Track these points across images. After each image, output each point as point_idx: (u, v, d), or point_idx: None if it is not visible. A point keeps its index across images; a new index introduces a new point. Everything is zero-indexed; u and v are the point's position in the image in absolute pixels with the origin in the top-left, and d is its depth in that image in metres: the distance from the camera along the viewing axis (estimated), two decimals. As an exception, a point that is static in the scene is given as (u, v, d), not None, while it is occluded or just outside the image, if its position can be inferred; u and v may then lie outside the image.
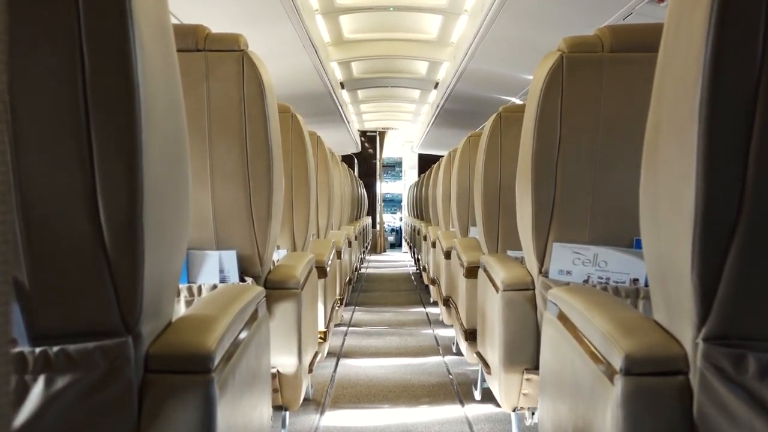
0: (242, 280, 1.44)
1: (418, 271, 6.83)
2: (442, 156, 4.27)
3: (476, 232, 2.56)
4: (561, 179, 1.41)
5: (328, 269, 2.37)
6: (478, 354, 1.89)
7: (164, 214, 0.72)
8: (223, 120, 1.43)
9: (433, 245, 3.90)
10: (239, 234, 1.45)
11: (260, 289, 1.14)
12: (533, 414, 1.51)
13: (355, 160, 10.62)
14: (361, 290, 5.59)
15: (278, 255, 1.94)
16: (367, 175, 10.82)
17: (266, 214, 1.46)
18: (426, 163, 10.61)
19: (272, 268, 1.63)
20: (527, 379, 1.48)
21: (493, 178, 2.13)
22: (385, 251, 10.65)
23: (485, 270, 1.83)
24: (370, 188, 10.73)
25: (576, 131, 1.39)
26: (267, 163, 1.45)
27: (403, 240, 10.62)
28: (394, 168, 12.34)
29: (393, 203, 12.27)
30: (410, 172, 11.39)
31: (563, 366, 0.95)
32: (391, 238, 11.81)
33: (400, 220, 11.83)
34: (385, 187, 12.05)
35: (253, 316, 1.04)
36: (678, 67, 0.64)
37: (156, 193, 0.68)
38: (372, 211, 10.65)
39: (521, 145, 1.55)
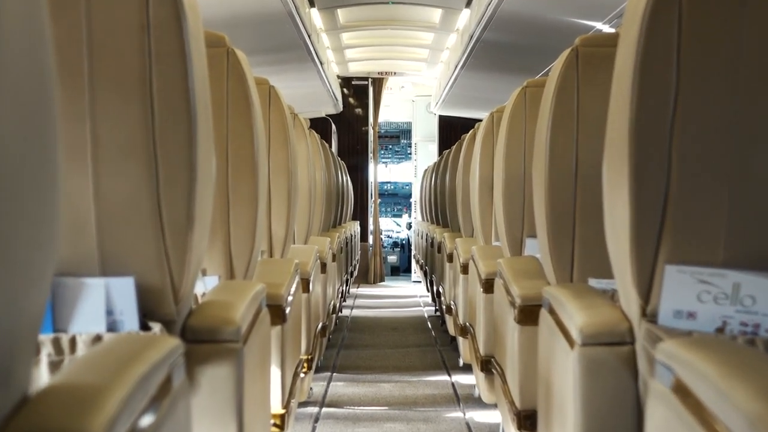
0: (145, 327, 1.44)
1: (438, 313, 6.87)
2: (480, 120, 4.32)
3: (535, 248, 2.59)
4: (678, 162, 1.41)
5: (287, 310, 2.38)
6: None
7: (9, 218, 0.72)
8: (112, 62, 1.43)
9: (464, 270, 3.95)
10: (139, 250, 1.45)
11: (174, 342, 1.14)
12: None
13: (333, 127, 10.67)
14: (342, 345, 5.62)
15: (205, 285, 1.94)
16: (354, 151, 10.89)
17: (185, 218, 1.47)
18: (452, 131, 10.69)
19: (195, 306, 1.64)
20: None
21: (563, 162, 2.16)
22: (382, 280, 10.70)
23: (551, 311, 1.84)
24: (358, 174, 10.80)
25: (703, 83, 1.39)
26: (186, 131, 1.46)
27: (413, 261, 10.72)
28: (397, 140, 12.33)
29: (396, 199, 12.29)
30: (425, 148, 11.48)
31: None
32: (392, 258, 11.85)
33: (408, 227, 11.89)
34: (383, 172, 12.09)
35: (164, 390, 1.04)
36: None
37: None
38: (361, 213, 10.73)
39: (610, 108, 1.56)
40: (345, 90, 10.71)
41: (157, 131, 1.44)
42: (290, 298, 2.47)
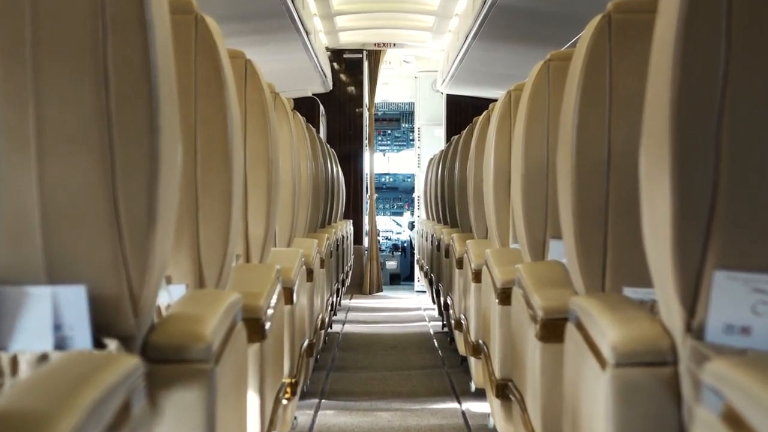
0: (99, 344, 1.45)
1: (445, 329, 6.89)
2: (495, 100, 4.33)
3: (560, 251, 2.60)
4: (728, 149, 1.41)
5: (267, 324, 2.39)
6: None
7: None
8: (59, 30, 1.43)
9: (476, 278, 3.97)
10: (91, 254, 1.46)
11: (134, 361, 1.15)
12: None
13: (322, 109, 10.68)
14: (333, 367, 5.61)
15: (170, 295, 1.95)
16: (346, 138, 10.90)
17: (146, 216, 1.47)
18: (462, 113, 10.70)
19: (158, 320, 1.65)
20: None
21: (593, 150, 2.17)
22: (380, 290, 10.71)
23: (579, 326, 1.85)
24: (352, 164, 10.81)
25: (756, 54, 1.39)
26: (146, 114, 1.46)
27: (416, 267, 10.72)
28: (398, 124, 12.34)
29: (397, 195, 12.30)
30: (430, 133, 11.48)
31: None
32: (391, 264, 11.84)
33: (411, 227, 11.87)
34: (380, 162, 12.07)
35: (121, 417, 1.04)
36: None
37: None
38: (355, 211, 10.74)
39: (648, 85, 1.56)
40: (335, 65, 10.72)
41: (112, 114, 1.44)
42: (270, 311, 2.48)
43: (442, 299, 6.45)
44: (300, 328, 3.73)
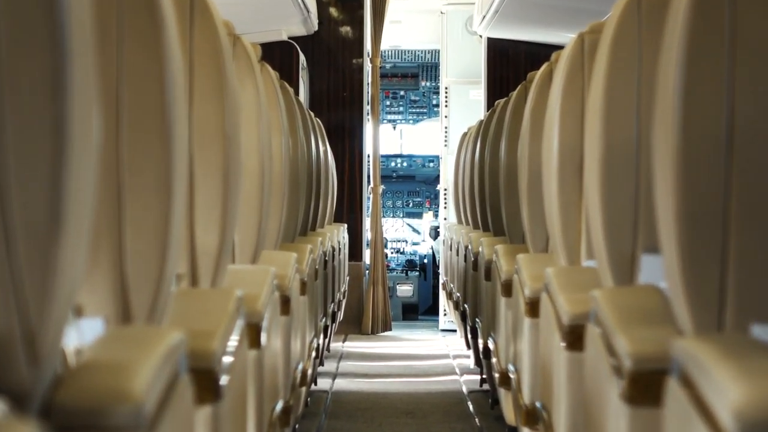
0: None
1: (486, 386, 6.90)
2: (561, 48, 4.33)
3: (656, 271, 2.59)
4: None
5: (223, 379, 2.41)
6: None
7: None
8: None
9: (531, 311, 3.97)
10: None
11: (27, 430, 1.14)
12: None
13: (303, 59, 10.69)
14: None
15: (81, 334, 1.96)
16: (339, 103, 10.85)
17: (45, 218, 1.48)
18: (510, 67, 10.66)
19: (66, 370, 1.67)
20: None
21: (707, 121, 2.17)
22: (388, 328, 10.63)
23: (686, 381, 1.87)
24: (347, 142, 10.76)
25: None
26: (46, 66, 1.47)
27: (442, 294, 10.76)
28: (415, 82, 12.21)
29: (413, 186, 12.19)
30: (463, 96, 11.43)
31: None
32: (405, 290, 11.73)
33: (434, 235, 11.75)
34: (389, 139, 11.95)
35: None
36: None
37: None
38: (351, 210, 10.70)
39: None
40: (323, -7, 10.73)
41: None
42: (228, 359, 2.49)
43: (480, 342, 6.44)
44: (271, 384, 3.73)
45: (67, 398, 1.58)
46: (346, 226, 9.60)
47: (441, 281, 10.71)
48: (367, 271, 10.82)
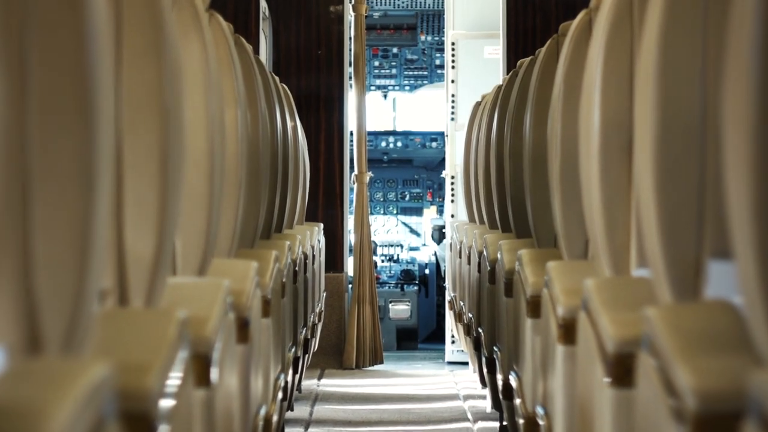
0: None
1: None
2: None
3: (727, 283, 2.61)
4: None
5: (162, 428, 2.42)
6: None
7: None
8: None
9: (565, 336, 3.99)
10: None
11: None
12: None
13: (264, 7, 10.72)
14: None
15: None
16: (312, 65, 10.84)
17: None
18: (536, 17, 10.70)
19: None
20: None
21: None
22: (378, 360, 10.58)
23: None
24: (323, 116, 10.74)
25: None
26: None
27: (449, 315, 10.92)
28: (411, 36, 12.23)
29: (410, 173, 12.20)
30: (475, 56, 11.42)
31: None
32: (400, 310, 11.72)
33: (438, 237, 11.76)
34: (379, 111, 11.96)
35: None
36: None
37: None
38: (329, 206, 10.67)
39: None
40: None
41: None
42: (168, 401, 2.51)
43: (499, 378, 6.47)
44: (224, 434, 3.75)
45: None
46: (322, 226, 9.61)
47: (447, 298, 10.73)
48: (350, 286, 10.84)
